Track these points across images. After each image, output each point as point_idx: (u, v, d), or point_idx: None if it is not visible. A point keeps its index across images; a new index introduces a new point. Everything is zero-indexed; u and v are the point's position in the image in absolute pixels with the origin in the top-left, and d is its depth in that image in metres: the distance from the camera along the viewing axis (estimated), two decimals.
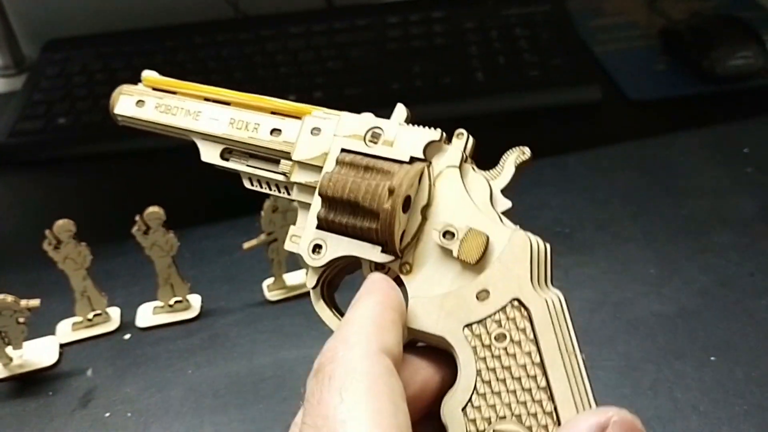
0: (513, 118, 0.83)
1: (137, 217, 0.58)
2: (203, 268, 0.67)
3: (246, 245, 0.60)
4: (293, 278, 0.63)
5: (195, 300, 0.63)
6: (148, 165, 0.82)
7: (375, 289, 0.31)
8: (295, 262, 0.62)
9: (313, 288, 0.34)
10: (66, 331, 0.62)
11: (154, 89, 0.41)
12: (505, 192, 0.33)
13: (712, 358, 0.53)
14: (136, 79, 0.42)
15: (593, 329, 0.56)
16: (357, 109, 0.36)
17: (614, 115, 0.84)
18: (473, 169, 0.33)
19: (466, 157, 0.33)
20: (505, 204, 0.33)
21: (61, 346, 0.59)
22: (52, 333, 0.61)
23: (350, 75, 0.90)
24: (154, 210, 0.58)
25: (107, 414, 0.55)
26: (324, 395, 0.27)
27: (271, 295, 0.63)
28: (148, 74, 0.42)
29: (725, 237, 0.64)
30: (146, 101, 0.40)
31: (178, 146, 0.40)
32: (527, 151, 0.33)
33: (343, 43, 0.94)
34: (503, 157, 0.33)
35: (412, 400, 0.29)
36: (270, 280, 0.63)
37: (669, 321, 0.57)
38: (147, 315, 0.62)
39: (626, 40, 0.95)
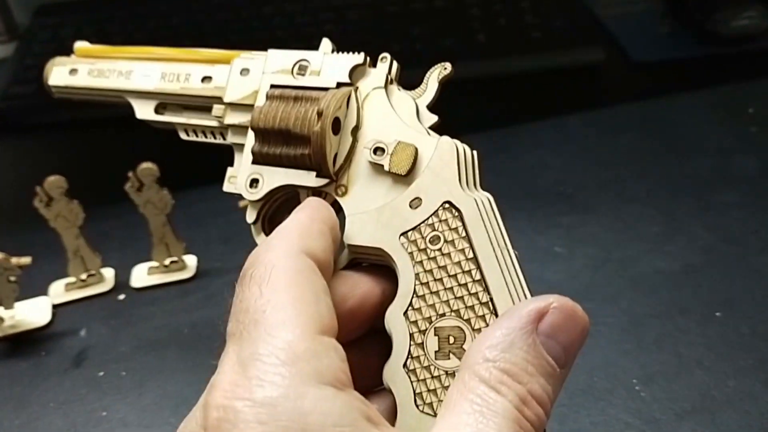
0: (515, 80, 0.81)
1: (130, 174, 0.57)
2: (198, 229, 0.66)
3: (241, 203, 0.59)
4: None
5: (191, 260, 0.62)
6: (141, 130, 0.80)
7: (305, 206, 0.31)
8: None
9: (254, 223, 0.35)
10: (59, 291, 0.61)
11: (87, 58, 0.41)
12: (430, 108, 0.34)
13: (717, 314, 0.52)
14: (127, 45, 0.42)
15: (596, 286, 0.55)
16: None
17: (617, 76, 0.83)
18: (398, 89, 0.34)
19: (391, 79, 0.34)
20: (432, 119, 0.33)
21: (54, 306, 0.59)
22: (45, 294, 0.60)
23: (348, 38, 0.88)
24: (147, 166, 0.57)
25: (101, 373, 0.54)
26: (245, 293, 0.27)
27: None
28: (79, 45, 0.42)
29: (729, 195, 0.63)
30: (79, 69, 0.41)
31: None
32: (449, 66, 0.34)
33: (341, 6, 0.93)
34: (426, 74, 0.34)
35: (353, 312, 0.31)
36: None
37: (673, 278, 0.56)
38: (142, 275, 0.61)
39: (629, 3, 0.94)
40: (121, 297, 0.60)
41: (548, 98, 0.79)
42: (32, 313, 0.58)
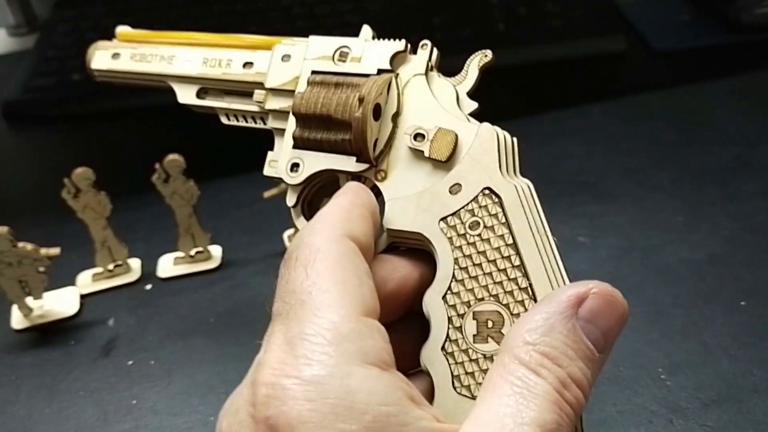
0: (536, 69, 0.81)
1: (157, 165, 0.57)
2: (223, 220, 0.67)
3: (266, 194, 0.59)
4: None
5: (216, 251, 0.63)
6: (164, 120, 0.81)
7: (346, 190, 0.31)
8: None
9: (294, 207, 0.36)
10: (86, 282, 0.61)
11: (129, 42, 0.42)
12: (470, 95, 0.34)
13: (742, 303, 0.52)
14: None
15: (621, 276, 0.55)
16: None
17: (639, 65, 0.83)
18: (439, 76, 0.34)
19: (432, 66, 0.34)
20: (472, 105, 0.33)
21: (82, 296, 0.59)
22: (73, 284, 0.61)
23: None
24: (174, 157, 0.57)
25: (130, 362, 0.54)
26: (291, 274, 0.28)
27: None
28: (121, 29, 0.43)
29: (753, 184, 0.63)
30: (121, 53, 0.42)
31: None
32: (489, 53, 0.34)
33: None
34: (467, 61, 0.34)
35: (392, 295, 0.31)
36: (290, 231, 0.63)
37: (697, 267, 0.56)
38: (168, 265, 0.62)
39: None
40: (148, 287, 0.61)
41: (569, 87, 0.79)
42: (61, 303, 0.58)
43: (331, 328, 0.26)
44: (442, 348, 0.30)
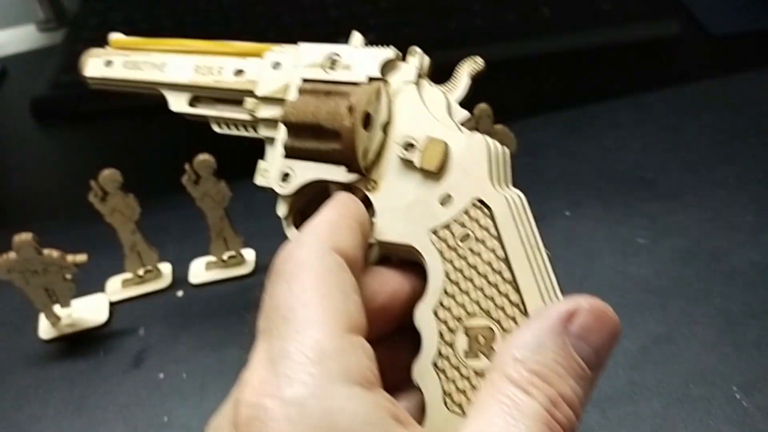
0: (583, 57, 0.76)
1: (187, 166, 0.54)
2: (256, 222, 0.63)
3: None
4: None
5: (249, 254, 0.60)
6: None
7: (335, 202, 0.31)
8: None
9: (285, 217, 0.35)
10: (116, 288, 0.59)
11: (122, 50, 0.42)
12: (461, 103, 0.33)
13: None
14: (177, 29, 0.40)
15: (686, 281, 0.51)
16: None
17: (694, 50, 0.78)
18: (429, 83, 0.34)
19: (422, 73, 0.34)
20: (463, 114, 0.33)
21: (112, 304, 0.57)
22: (102, 291, 0.58)
23: (404, 15, 0.84)
24: (204, 158, 0.54)
25: (161, 375, 0.52)
26: (275, 289, 0.27)
27: None
28: (114, 36, 0.43)
29: None
30: (114, 61, 0.42)
31: None
32: (480, 60, 0.34)
33: None
34: (456, 68, 0.34)
35: (383, 309, 0.30)
36: None
37: None
38: (200, 271, 0.59)
39: None
40: (180, 293, 0.58)
41: (621, 75, 0.75)
42: (90, 311, 0.56)
43: (314, 346, 0.25)
44: (433, 364, 0.29)
